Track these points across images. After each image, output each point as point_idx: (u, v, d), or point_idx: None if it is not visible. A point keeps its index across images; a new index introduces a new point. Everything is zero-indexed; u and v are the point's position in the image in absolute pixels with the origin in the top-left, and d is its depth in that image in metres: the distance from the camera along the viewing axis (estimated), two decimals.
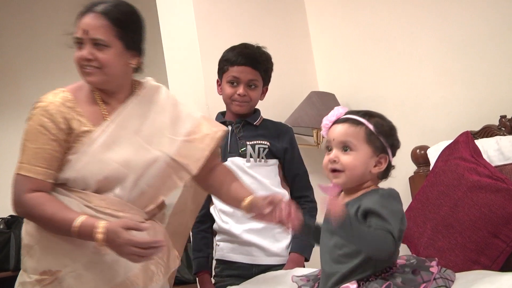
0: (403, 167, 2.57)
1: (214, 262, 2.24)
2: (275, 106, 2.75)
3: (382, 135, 1.55)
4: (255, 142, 2.20)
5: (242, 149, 2.18)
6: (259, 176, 2.17)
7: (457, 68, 2.66)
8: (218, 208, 2.20)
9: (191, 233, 2.29)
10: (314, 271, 1.68)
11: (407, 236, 2.27)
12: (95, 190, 1.75)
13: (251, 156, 2.18)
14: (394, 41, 2.89)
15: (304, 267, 2.11)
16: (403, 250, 2.26)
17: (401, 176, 2.61)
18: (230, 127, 2.22)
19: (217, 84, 2.27)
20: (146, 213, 1.82)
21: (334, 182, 1.55)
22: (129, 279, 1.72)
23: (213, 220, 2.23)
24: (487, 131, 2.41)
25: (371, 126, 1.54)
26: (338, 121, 1.58)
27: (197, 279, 2.25)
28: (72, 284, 1.69)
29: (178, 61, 2.83)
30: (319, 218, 1.68)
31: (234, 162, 2.17)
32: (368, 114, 1.58)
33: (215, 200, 2.21)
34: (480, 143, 2.28)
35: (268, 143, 2.20)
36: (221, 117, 2.28)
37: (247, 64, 2.16)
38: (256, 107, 2.28)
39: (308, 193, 2.24)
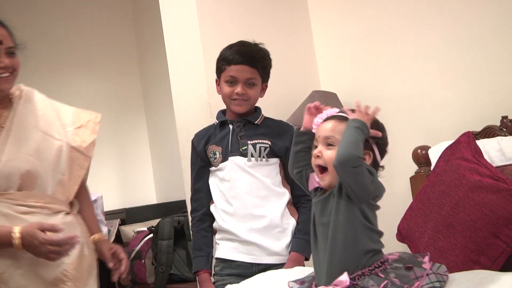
0: (404, 167, 2.58)
1: (214, 260, 2.24)
2: (277, 105, 2.75)
3: None
4: (256, 141, 2.19)
5: (243, 148, 2.17)
6: (260, 176, 2.16)
7: (459, 68, 2.65)
8: (218, 207, 2.19)
9: (191, 232, 2.29)
10: (311, 273, 1.67)
11: (407, 235, 2.27)
12: (19, 187, 1.80)
13: (252, 155, 2.17)
14: (396, 40, 2.88)
15: (304, 266, 2.11)
16: (404, 249, 2.26)
17: (402, 176, 2.63)
18: (231, 126, 2.22)
19: (216, 84, 2.26)
20: (69, 204, 1.93)
21: (322, 184, 1.57)
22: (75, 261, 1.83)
23: (213, 219, 2.23)
24: (489, 132, 2.41)
25: None
26: (326, 119, 1.59)
27: (197, 277, 2.25)
28: (20, 282, 1.72)
29: (180, 59, 2.84)
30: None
31: (235, 162, 2.17)
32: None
33: (215, 199, 2.21)
34: (482, 143, 2.27)
35: (269, 142, 2.19)
36: (222, 116, 2.27)
37: (244, 62, 2.14)
38: (258, 105, 2.27)
39: (309, 192, 2.24)
